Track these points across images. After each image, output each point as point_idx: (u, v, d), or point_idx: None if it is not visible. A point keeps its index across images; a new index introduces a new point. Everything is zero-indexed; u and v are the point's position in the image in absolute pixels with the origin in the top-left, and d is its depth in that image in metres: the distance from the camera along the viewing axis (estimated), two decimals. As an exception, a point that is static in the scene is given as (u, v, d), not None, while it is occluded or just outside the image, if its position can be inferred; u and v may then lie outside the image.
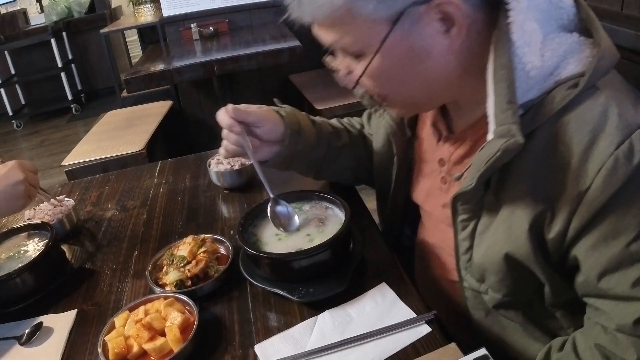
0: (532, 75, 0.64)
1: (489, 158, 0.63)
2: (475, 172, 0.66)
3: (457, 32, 0.65)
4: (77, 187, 1.41)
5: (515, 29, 0.63)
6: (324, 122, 1.06)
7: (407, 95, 0.74)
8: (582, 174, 0.61)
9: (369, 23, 0.65)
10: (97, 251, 1.09)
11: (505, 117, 0.62)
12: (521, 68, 0.63)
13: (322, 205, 0.97)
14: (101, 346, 0.77)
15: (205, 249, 0.93)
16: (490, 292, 0.76)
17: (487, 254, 0.73)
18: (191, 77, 2.60)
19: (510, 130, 0.61)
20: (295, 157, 0.98)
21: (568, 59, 0.65)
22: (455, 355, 0.69)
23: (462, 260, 0.79)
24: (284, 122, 0.95)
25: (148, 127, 2.78)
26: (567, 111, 0.63)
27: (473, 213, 0.73)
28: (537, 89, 0.65)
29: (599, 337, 0.67)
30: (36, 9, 5.84)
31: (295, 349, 0.75)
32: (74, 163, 2.46)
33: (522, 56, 0.63)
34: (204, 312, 0.84)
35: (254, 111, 0.93)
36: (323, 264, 0.84)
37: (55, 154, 4.38)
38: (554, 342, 0.73)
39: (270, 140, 0.95)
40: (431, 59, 0.67)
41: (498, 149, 0.62)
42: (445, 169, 0.84)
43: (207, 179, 1.31)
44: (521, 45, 0.63)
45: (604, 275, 0.64)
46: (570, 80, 0.64)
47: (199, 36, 3.18)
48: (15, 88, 5.30)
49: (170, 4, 3.28)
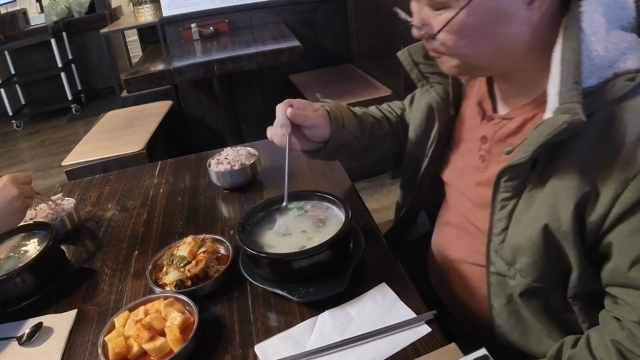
0: (596, 63, 0.67)
1: (552, 130, 0.65)
2: (531, 145, 0.69)
3: (538, 5, 0.68)
4: (77, 187, 1.41)
5: (586, 17, 0.68)
6: (365, 113, 1.11)
7: (475, 56, 0.75)
8: (631, 161, 0.64)
9: None
10: (97, 251, 1.09)
11: (570, 96, 0.65)
12: (587, 55, 0.67)
13: (322, 205, 0.97)
14: (101, 346, 0.77)
15: (205, 249, 0.93)
16: (518, 276, 0.77)
17: (525, 232, 0.74)
18: (191, 77, 2.60)
19: (574, 108, 0.64)
20: (339, 149, 1.02)
21: (627, 55, 0.68)
22: (455, 355, 0.69)
23: (494, 242, 0.80)
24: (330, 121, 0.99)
25: (148, 127, 2.78)
26: (623, 101, 0.66)
27: (515, 192, 0.75)
28: (596, 77, 0.68)
29: (614, 332, 0.68)
30: (36, 9, 5.84)
31: (295, 349, 0.75)
32: (74, 163, 2.46)
33: (589, 44, 0.67)
34: (204, 312, 0.84)
35: (309, 115, 0.96)
36: (323, 264, 0.84)
37: (55, 154, 4.38)
38: (566, 339, 0.74)
39: (316, 141, 0.99)
40: (509, 25, 0.70)
41: (564, 121, 0.64)
42: (487, 146, 0.86)
43: (207, 179, 1.31)
44: (589, 34, 0.67)
45: (635, 263, 0.65)
46: (628, 73, 0.67)
47: (199, 36, 3.18)
48: (15, 88, 5.29)
49: (170, 4, 3.29)
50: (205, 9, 3.31)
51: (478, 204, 0.87)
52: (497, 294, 0.82)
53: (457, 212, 0.96)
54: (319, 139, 0.99)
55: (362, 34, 3.44)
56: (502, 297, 0.82)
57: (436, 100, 0.95)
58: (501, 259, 0.79)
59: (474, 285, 0.90)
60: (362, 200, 1.14)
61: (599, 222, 0.67)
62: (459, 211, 0.95)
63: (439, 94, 0.95)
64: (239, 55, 2.54)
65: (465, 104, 0.95)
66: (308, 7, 3.47)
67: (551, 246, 0.72)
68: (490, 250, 0.81)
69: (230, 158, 1.25)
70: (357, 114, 1.08)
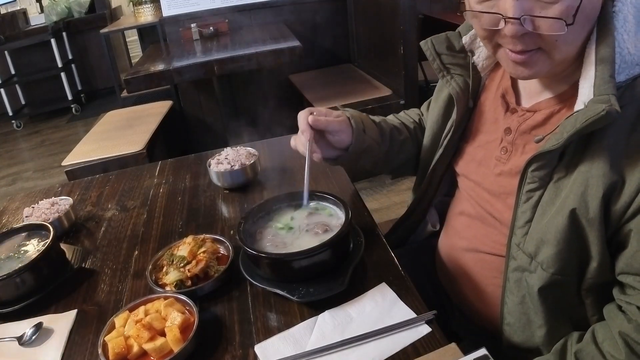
0: (626, 60, 0.70)
1: (589, 117, 0.67)
2: (566, 132, 0.70)
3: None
4: (77, 187, 1.41)
5: (620, 17, 0.71)
6: (384, 120, 1.13)
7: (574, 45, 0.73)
8: None
9: None
10: (97, 251, 1.09)
11: (607, 88, 0.68)
12: (619, 52, 0.70)
13: (321, 205, 0.97)
14: (101, 346, 0.77)
15: (205, 249, 0.93)
16: (539, 269, 0.77)
17: (551, 222, 0.75)
18: (191, 77, 2.60)
19: (610, 99, 0.66)
20: (361, 155, 1.03)
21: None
22: (455, 355, 0.69)
23: (517, 235, 0.80)
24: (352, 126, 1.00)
25: (148, 127, 2.78)
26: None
27: (541, 182, 0.76)
28: (625, 74, 0.71)
29: (622, 325, 0.69)
30: (36, 9, 5.84)
31: (295, 349, 0.75)
32: (74, 163, 2.46)
33: (622, 42, 0.70)
34: (204, 312, 0.84)
35: (331, 121, 0.98)
36: (323, 264, 0.84)
37: (55, 154, 4.38)
38: (571, 335, 0.76)
39: (338, 148, 1.01)
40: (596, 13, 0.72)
41: (603, 109, 0.66)
42: (510, 138, 0.87)
43: (207, 179, 1.31)
44: (622, 32, 0.70)
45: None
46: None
47: (199, 36, 3.18)
48: (15, 88, 5.29)
49: (170, 4, 3.29)
50: (205, 9, 3.31)
51: (498, 195, 0.88)
52: (512, 292, 0.83)
53: (473, 203, 0.96)
54: (341, 144, 1.01)
55: (362, 34, 3.44)
56: (516, 296, 0.82)
57: (457, 91, 0.96)
58: (523, 252, 0.80)
59: (488, 276, 0.91)
60: (362, 200, 1.14)
61: (622, 210, 0.69)
62: (476, 201, 0.95)
63: (459, 85, 0.96)
64: (239, 55, 2.54)
65: (485, 96, 0.96)
66: (308, 7, 3.47)
67: (576, 234, 0.73)
68: (511, 244, 0.82)
69: (230, 158, 1.25)
70: (377, 121, 1.10)
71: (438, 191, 1.09)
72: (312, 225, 0.92)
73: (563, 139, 0.70)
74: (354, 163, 1.05)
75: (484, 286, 0.92)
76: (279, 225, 0.94)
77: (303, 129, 0.96)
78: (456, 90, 0.96)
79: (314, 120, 0.95)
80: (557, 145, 0.71)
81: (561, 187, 0.74)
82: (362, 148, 1.02)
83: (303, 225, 0.93)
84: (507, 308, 0.84)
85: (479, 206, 0.94)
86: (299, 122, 0.97)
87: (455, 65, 0.97)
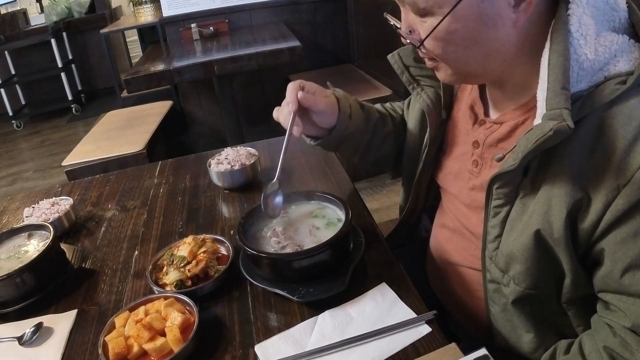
0: (585, 67, 0.66)
1: (538, 137, 0.64)
2: (519, 153, 0.68)
3: (525, 8, 0.67)
4: (77, 187, 1.41)
5: (574, 21, 0.66)
6: (371, 108, 1.10)
7: (465, 62, 0.75)
8: (624, 167, 0.63)
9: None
10: (97, 251, 1.09)
11: (558, 102, 0.64)
12: (575, 58, 0.66)
13: (322, 206, 0.97)
14: (101, 346, 0.76)
15: (205, 249, 0.93)
16: (512, 284, 0.77)
17: (518, 239, 0.73)
18: (191, 77, 2.60)
19: (562, 114, 0.62)
20: (342, 140, 1.01)
21: (618, 57, 0.67)
22: (455, 355, 0.69)
23: (489, 249, 0.79)
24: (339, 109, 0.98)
25: (148, 127, 2.78)
26: (614, 105, 0.64)
27: (507, 198, 0.74)
28: (586, 81, 0.66)
29: (607, 339, 0.67)
30: (36, 9, 5.84)
31: (295, 349, 0.75)
32: (74, 163, 2.46)
33: (577, 47, 0.66)
34: (204, 312, 0.84)
35: (319, 101, 0.95)
36: (323, 264, 0.84)
37: (55, 154, 4.38)
38: (559, 344, 0.74)
39: (322, 127, 0.98)
40: (496, 29, 0.69)
41: (550, 128, 0.63)
42: (479, 151, 0.85)
43: (207, 179, 1.31)
44: (578, 37, 0.66)
45: (628, 270, 0.64)
46: (619, 77, 0.66)
47: (199, 36, 3.18)
48: (16, 88, 5.30)
49: (170, 4, 3.29)
50: (205, 9, 3.31)
51: (472, 208, 0.86)
52: (494, 300, 0.82)
53: (452, 216, 0.95)
54: (325, 125, 0.98)
55: (362, 34, 3.44)
56: (498, 305, 0.82)
57: (427, 104, 0.94)
58: (496, 266, 0.79)
59: (471, 289, 0.90)
60: (362, 200, 1.14)
61: (591, 229, 0.66)
62: (454, 215, 0.94)
63: (430, 98, 0.94)
64: (239, 55, 2.54)
65: (457, 107, 0.94)
66: (308, 7, 3.47)
67: (544, 253, 0.71)
68: (485, 257, 0.81)
69: (230, 158, 1.25)
70: (365, 107, 1.07)
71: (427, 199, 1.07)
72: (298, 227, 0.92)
73: (518, 160, 0.67)
74: (333, 147, 1.03)
75: (469, 297, 0.91)
76: (266, 207, 0.94)
77: (289, 101, 0.92)
78: (427, 103, 0.94)
79: (303, 97, 0.91)
80: (513, 166, 0.68)
81: (527, 204, 0.72)
82: (345, 134, 0.99)
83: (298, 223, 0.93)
84: (493, 316, 0.84)
85: (457, 220, 0.93)
86: (287, 92, 0.93)
87: (425, 77, 0.95)
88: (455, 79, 0.79)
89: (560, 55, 0.65)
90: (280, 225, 0.93)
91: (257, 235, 0.93)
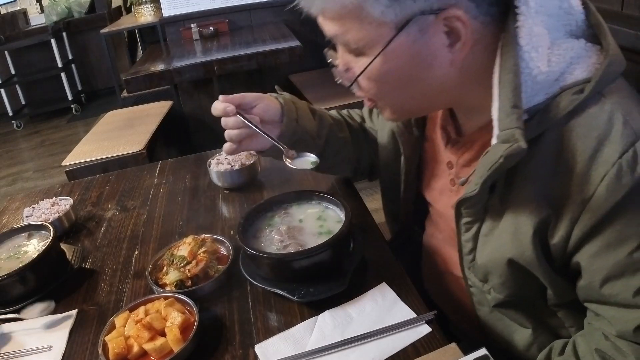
0: (539, 80, 0.63)
1: (492, 164, 0.63)
2: (479, 178, 0.66)
3: (460, 47, 0.64)
4: (77, 187, 1.41)
5: (523, 33, 0.62)
6: (324, 113, 1.06)
7: (401, 101, 0.74)
8: (586, 181, 0.61)
9: (375, 24, 0.64)
10: (97, 251, 1.09)
11: (509, 122, 0.62)
12: (528, 73, 0.63)
13: (321, 206, 0.97)
14: (101, 346, 0.76)
15: (205, 249, 0.93)
16: (492, 292, 0.77)
17: (491, 257, 0.73)
18: (191, 77, 2.60)
19: (514, 134, 0.61)
20: (296, 145, 0.96)
21: (574, 65, 0.65)
22: (455, 355, 0.69)
23: (466, 260, 0.79)
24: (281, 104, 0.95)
25: (148, 127, 2.78)
26: (572, 117, 0.63)
27: (476, 216, 0.73)
28: (543, 94, 0.64)
29: (600, 342, 0.67)
30: (36, 9, 5.85)
31: (295, 349, 0.75)
32: (74, 163, 2.46)
33: (529, 61, 0.63)
34: (204, 312, 0.84)
35: (246, 94, 0.92)
36: (323, 264, 0.84)
37: (55, 154, 4.38)
38: (554, 344, 0.73)
39: (269, 120, 0.94)
40: (431, 69, 0.67)
41: (500, 155, 0.61)
42: (454, 171, 0.84)
43: (207, 179, 1.31)
44: (528, 50, 0.63)
45: (606, 281, 0.64)
46: (576, 86, 0.63)
47: (199, 36, 3.18)
48: (16, 88, 5.30)
49: (170, 4, 3.29)
50: (205, 9, 3.30)
51: None
52: (480, 303, 0.82)
53: (440, 227, 0.95)
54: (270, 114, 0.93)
55: (362, 34, 3.43)
56: (485, 306, 0.82)
57: (397, 124, 0.92)
58: (475, 275, 0.79)
59: (460, 295, 0.89)
60: (362, 200, 1.14)
61: (562, 244, 0.65)
62: (441, 227, 0.94)
63: None
64: (239, 55, 2.54)
65: (431, 125, 0.91)
66: (308, 7, 3.46)
67: (519, 271, 0.70)
68: (464, 267, 0.80)
69: (230, 158, 1.25)
70: (316, 112, 1.02)
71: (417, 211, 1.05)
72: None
73: (479, 186, 0.66)
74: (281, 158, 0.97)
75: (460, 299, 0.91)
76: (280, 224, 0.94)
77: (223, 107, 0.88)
78: (396, 124, 0.92)
79: (225, 96, 0.88)
80: (475, 191, 0.67)
81: (497, 220, 0.71)
82: (293, 139, 0.94)
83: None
84: (482, 319, 0.83)
85: (443, 232, 0.93)
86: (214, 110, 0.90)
87: None
88: (398, 117, 0.78)
89: (509, 71, 0.62)
90: (284, 224, 0.93)
91: (257, 234, 0.93)
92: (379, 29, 0.64)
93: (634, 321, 0.63)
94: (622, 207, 0.60)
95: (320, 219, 0.94)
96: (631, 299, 0.62)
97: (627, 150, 0.60)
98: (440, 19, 0.62)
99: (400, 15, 0.62)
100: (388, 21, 0.63)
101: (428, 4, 0.61)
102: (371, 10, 0.63)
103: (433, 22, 0.63)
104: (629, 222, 0.61)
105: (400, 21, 0.63)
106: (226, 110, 0.88)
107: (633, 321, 0.63)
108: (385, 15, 0.62)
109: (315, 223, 0.93)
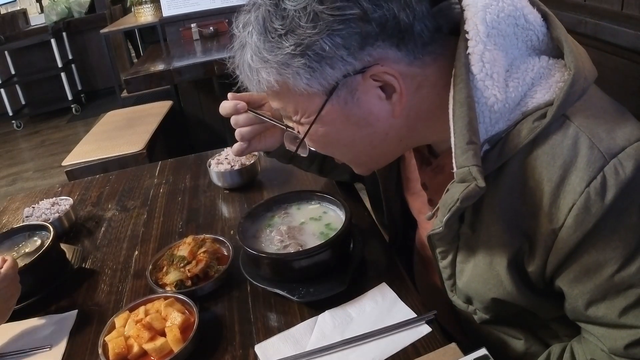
0: (497, 109, 0.60)
1: (450, 206, 0.62)
2: (442, 216, 0.65)
3: (398, 98, 0.63)
4: (77, 187, 1.41)
5: (475, 60, 0.60)
6: None
7: (353, 157, 0.74)
8: (555, 212, 0.59)
9: (306, 94, 0.64)
10: (97, 251, 1.09)
11: (465, 159, 0.59)
12: (483, 102, 0.60)
13: (322, 206, 0.97)
14: (101, 346, 0.77)
15: (205, 249, 0.93)
16: (478, 312, 0.76)
17: (471, 286, 0.72)
18: (191, 77, 2.60)
19: (471, 172, 0.58)
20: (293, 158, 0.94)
21: (536, 87, 0.62)
22: (455, 355, 0.69)
23: (447, 285, 0.78)
24: None
25: (148, 127, 2.78)
26: (535, 145, 0.60)
27: (450, 246, 0.72)
28: (503, 121, 0.61)
29: (595, 352, 0.66)
30: (36, 9, 5.85)
31: (295, 349, 0.75)
32: (74, 163, 2.46)
33: (484, 90, 0.60)
34: (204, 312, 0.84)
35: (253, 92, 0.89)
36: (323, 264, 0.84)
37: (55, 154, 4.38)
38: (552, 350, 0.73)
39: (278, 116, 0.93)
40: (373, 124, 0.66)
41: (457, 198, 0.60)
42: (429, 193, 0.82)
43: (207, 179, 1.31)
44: (482, 78, 0.60)
45: (590, 305, 0.63)
46: (537, 110, 0.60)
47: (199, 36, 3.18)
48: (16, 88, 5.30)
49: (170, 4, 3.28)
50: (205, 9, 3.30)
51: None
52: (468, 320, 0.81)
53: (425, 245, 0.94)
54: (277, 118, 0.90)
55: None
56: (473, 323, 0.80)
57: None
58: (458, 298, 0.78)
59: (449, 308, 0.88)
60: (362, 200, 1.14)
61: (539, 271, 0.64)
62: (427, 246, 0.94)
63: None
64: (239, 55, 2.53)
65: None
66: (308, 7, 3.46)
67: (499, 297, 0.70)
68: (446, 289, 0.80)
69: (230, 158, 1.25)
70: None
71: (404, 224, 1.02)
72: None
73: (443, 224, 0.65)
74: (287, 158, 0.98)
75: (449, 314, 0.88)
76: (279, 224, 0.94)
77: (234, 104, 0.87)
78: None
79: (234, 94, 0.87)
80: (441, 228, 0.66)
81: (471, 249, 0.69)
82: None
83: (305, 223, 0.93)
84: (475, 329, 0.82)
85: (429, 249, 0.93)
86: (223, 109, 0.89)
87: None
88: (364, 170, 0.78)
89: (462, 104, 0.59)
90: (284, 224, 0.93)
91: (257, 234, 0.93)
92: (310, 98, 0.65)
93: (623, 340, 0.62)
94: (595, 235, 0.58)
95: (320, 219, 0.94)
96: (617, 319, 0.61)
97: (595, 176, 0.57)
98: (368, 77, 0.62)
99: (325, 83, 0.62)
100: (316, 90, 0.63)
101: (350, 68, 0.61)
102: (297, 85, 0.63)
103: (361, 81, 0.62)
104: (604, 248, 0.59)
105: (327, 88, 0.63)
106: (237, 107, 0.87)
107: (622, 339, 0.62)
108: (311, 86, 0.63)
109: (315, 223, 0.93)
